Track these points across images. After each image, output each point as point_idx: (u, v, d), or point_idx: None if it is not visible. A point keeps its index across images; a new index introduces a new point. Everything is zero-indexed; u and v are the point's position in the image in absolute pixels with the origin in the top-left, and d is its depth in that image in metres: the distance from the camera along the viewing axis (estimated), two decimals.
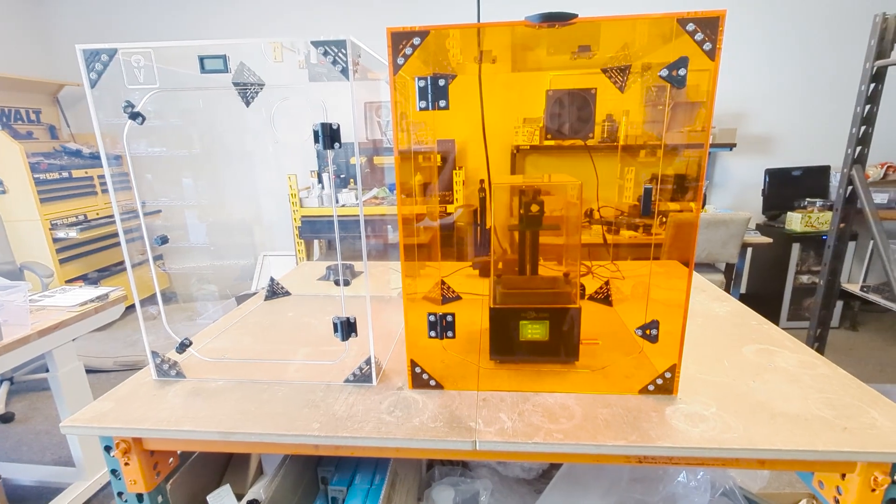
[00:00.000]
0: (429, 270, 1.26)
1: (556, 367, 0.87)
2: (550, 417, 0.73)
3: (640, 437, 0.68)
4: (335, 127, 0.73)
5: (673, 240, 0.94)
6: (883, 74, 1.72)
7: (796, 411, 0.73)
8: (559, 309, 0.84)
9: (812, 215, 3.01)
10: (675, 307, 0.77)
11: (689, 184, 0.91)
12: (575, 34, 0.81)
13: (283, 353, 1.00)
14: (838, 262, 1.94)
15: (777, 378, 0.83)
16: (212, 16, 3.59)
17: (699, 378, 0.84)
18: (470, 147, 3.27)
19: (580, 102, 1.09)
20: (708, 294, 1.29)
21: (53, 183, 3.20)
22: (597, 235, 1.49)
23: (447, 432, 0.70)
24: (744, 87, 3.33)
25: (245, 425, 0.73)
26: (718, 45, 0.63)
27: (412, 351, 0.82)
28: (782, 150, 3.43)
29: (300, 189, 3.17)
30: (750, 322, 1.09)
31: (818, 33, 3.19)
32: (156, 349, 0.89)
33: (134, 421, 0.75)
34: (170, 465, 0.86)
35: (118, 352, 2.98)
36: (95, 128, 0.75)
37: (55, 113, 3.79)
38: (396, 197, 0.77)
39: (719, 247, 2.76)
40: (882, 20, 1.66)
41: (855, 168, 1.82)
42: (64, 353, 1.68)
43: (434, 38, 0.76)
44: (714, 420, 0.71)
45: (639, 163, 1.31)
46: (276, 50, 0.80)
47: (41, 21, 3.76)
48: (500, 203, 1.01)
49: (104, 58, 0.72)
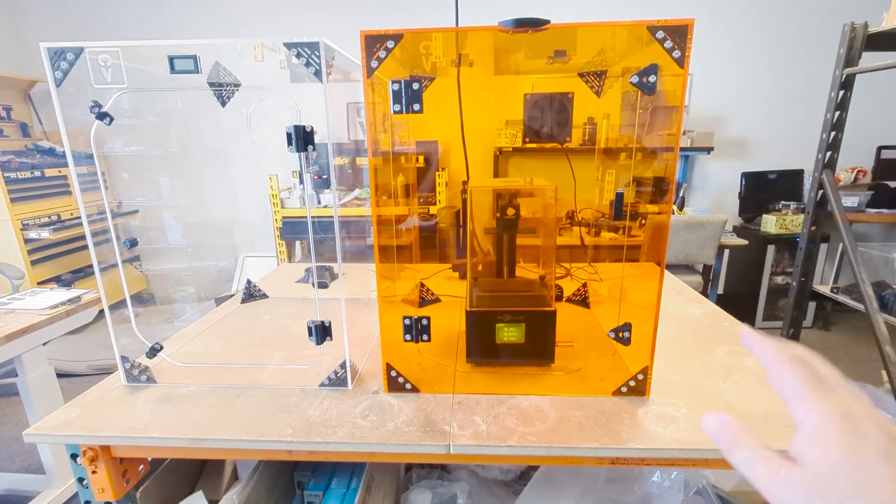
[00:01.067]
0: (408, 273, 1.26)
1: (531, 370, 0.88)
2: (525, 420, 0.73)
3: (612, 439, 0.68)
4: (309, 129, 0.73)
5: (651, 241, 0.95)
6: (851, 82, 1.77)
7: (763, 411, 0.74)
8: (535, 312, 0.85)
9: (786, 218, 3.09)
10: (650, 309, 0.78)
11: (665, 186, 0.92)
12: (551, 39, 0.82)
13: (257, 356, 0.98)
14: (810, 265, 1.99)
15: (746, 379, 0.85)
16: (194, 15, 3.53)
17: (671, 379, 0.85)
18: (453, 148, 3.27)
19: (558, 106, 1.10)
20: (683, 296, 1.31)
21: (25, 182, 3.11)
22: (577, 237, 1.51)
23: (421, 436, 0.70)
24: (721, 92, 3.40)
25: (215, 431, 0.72)
26: (687, 53, 0.64)
27: (388, 354, 0.81)
28: (758, 154, 3.51)
29: (281, 190, 3.14)
30: (723, 324, 1.11)
31: (790, 41, 3.28)
32: (131, 353, 0.87)
33: (101, 428, 0.73)
34: (140, 473, 0.84)
35: (93, 355, 2.91)
36: (61, 126, 0.73)
37: (27, 110, 3.68)
38: (370, 198, 0.76)
39: (697, 248, 2.81)
40: (850, 29, 1.72)
41: (825, 172, 1.87)
42: (33, 358, 1.63)
43: (411, 41, 0.76)
44: (684, 421, 0.72)
45: (618, 165, 1.33)
46: (257, 49, 0.79)
47: (13, 16, 3.65)
48: (478, 206, 1.01)
49: (70, 56, 0.70)
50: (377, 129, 0.93)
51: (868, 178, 3.36)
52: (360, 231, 2.75)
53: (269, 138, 1.06)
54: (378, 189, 0.88)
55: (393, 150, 1.03)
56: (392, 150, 1.03)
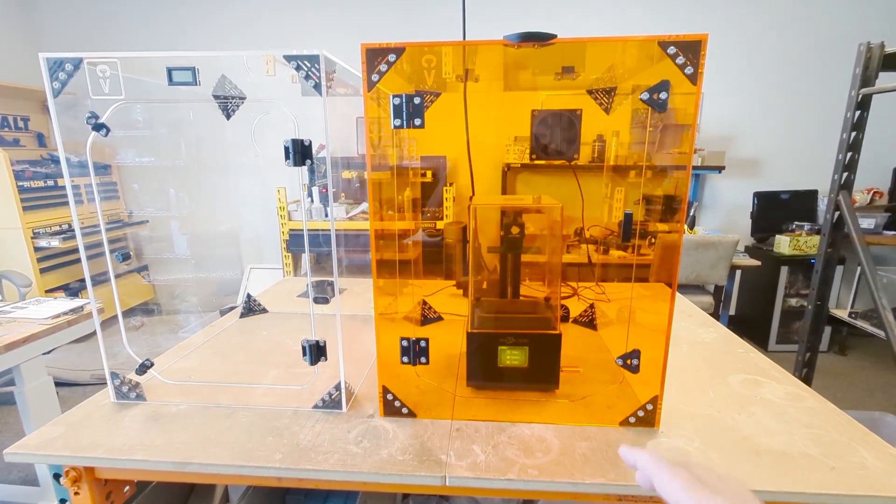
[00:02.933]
0: (411, 289, 1.23)
1: (534, 396, 0.84)
2: (526, 451, 0.69)
3: (619, 474, 0.64)
4: (307, 143, 0.71)
5: (661, 261, 0.92)
6: (868, 102, 1.73)
7: (782, 448, 0.70)
8: (539, 335, 0.81)
9: (800, 239, 3.02)
10: (659, 333, 0.74)
11: (675, 205, 0.89)
12: (559, 55, 0.80)
13: (251, 375, 0.95)
14: (826, 288, 1.92)
15: (763, 411, 0.80)
16: (208, 26, 3.60)
17: (682, 410, 0.81)
18: (461, 163, 3.26)
19: (565, 123, 1.08)
20: (694, 319, 1.26)
21: (38, 191, 3.14)
22: (585, 255, 1.47)
23: (416, 466, 0.66)
24: (733, 110, 3.37)
25: (201, 455, 0.68)
26: (700, 69, 0.61)
27: (384, 376, 0.78)
28: (770, 174, 3.46)
29: (289, 202, 3.14)
30: (737, 350, 1.07)
31: (805, 60, 3.25)
32: (125, 367, 0.84)
33: (84, 448, 0.71)
34: (125, 494, 0.81)
35: (96, 364, 2.90)
36: (56, 136, 0.72)
37: (44, 120, 3.75)
38: (369, 212, 0.74)
39: (708, 269, 2.75)
40: (866, 49, 1.68)
41: (842, 194, 1.82)
42: (32, 368, 1.62)
43: (415, 55, 0.74)
44: (697, 456, 0.68)
45: (627, 183, 1.30)
46: (270, 63, 0.78)
47: (31, 28, 3.74)
48: (483, 223, 0.98)
49: (68, 67, 0.69)
50: (385, 144, 0.91)
51: (884, 199, 3.29)
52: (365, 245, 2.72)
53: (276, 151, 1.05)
54: (383, 203, 0.86)
55: (399, 164, 1.01)
56: (397, 164, 1.01)
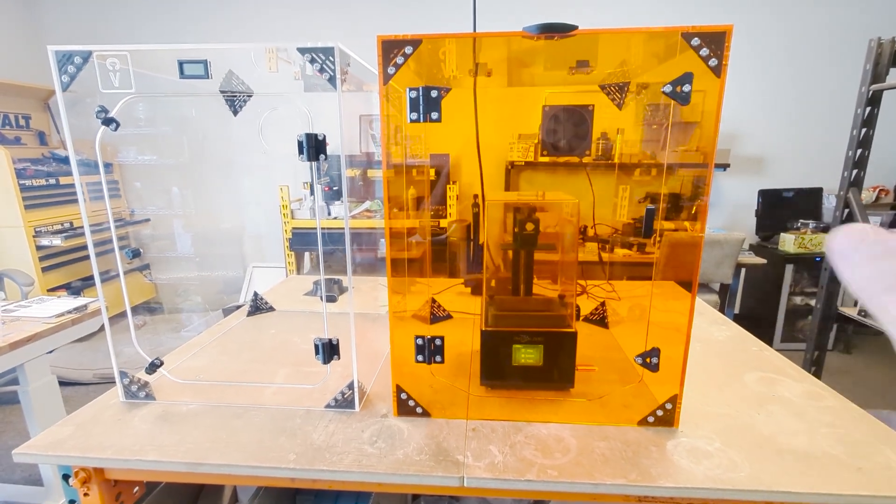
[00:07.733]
0: (419, 287, 1.21)
1: (550, 395, 0.83)
2: (544, 451, 0.68)
3: (640, 475, 0.63)
4: (321, 138, 0.69)
5: (668, 259, 0.90)
6: (878, 98, 1.71)
7: (804, 447, 0.69)
8: (554, 332, 0.80)
9: (805, 237, 3.01)
10: (674, 331, 0.73)
11: (683, 203, 0.88)
12: (573, 48, 0.79)
13: (261, 374, 0.94)
14: (835, 286, 1.91)
15: (782, 410, 0.79)
16: (209, 26, 3.58)
17: (701, 409, 0.79)
18: (464, 161, 3.25)
19: (577, 119, 1.06)
20: (706, 317, 1.25)
21: (39, 189, 3.13)
22: (590, 253, 1.46)
23: (433, 467, 0.65)
24: (738, 107, 3.35)
25: (214, 455, 0.67)
26: (725, 61, 0.60)
27: (398, 375, 0.77)
28: (775, 172, 3.44)
29: (292, 200, 3.13)
30: (750, 348, 1.06)
31: (811, 57, 3.23)
32: (132, 365, 0.83)
33: (94, 449, 0.69)
34: (135, 495, 0.80)
35: (99, 363, 2.89)
36: (66, 132, 0.71)
37: (45, 119, 3.73)
38: (384, 210, 0.73)
39: (714, 267, 2.74)
40: (877, 45, 1.67)
41: (851, 191, 1.81)
42: (36, 367, 1.60)
43: (428, 48, 0.72)
44: (718, 456, 0.67)
45: (634, 181, 1.28)
46: (272, 60, 0.76)
47: (32, 26, 3.73)
48: (494, 220, 0.97)
49: (77, 60, 0.68)
50: (390, 141, 0.90)
51: (890, 197, 3.27)
52: (370, 243, 2.71)
53: (281, 148, 1.04)
54: (390, 201, 0.85)
55: (405, 161, 1.00)
56: (405, 161, 0.99)
